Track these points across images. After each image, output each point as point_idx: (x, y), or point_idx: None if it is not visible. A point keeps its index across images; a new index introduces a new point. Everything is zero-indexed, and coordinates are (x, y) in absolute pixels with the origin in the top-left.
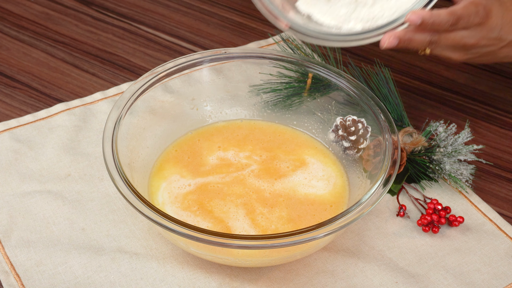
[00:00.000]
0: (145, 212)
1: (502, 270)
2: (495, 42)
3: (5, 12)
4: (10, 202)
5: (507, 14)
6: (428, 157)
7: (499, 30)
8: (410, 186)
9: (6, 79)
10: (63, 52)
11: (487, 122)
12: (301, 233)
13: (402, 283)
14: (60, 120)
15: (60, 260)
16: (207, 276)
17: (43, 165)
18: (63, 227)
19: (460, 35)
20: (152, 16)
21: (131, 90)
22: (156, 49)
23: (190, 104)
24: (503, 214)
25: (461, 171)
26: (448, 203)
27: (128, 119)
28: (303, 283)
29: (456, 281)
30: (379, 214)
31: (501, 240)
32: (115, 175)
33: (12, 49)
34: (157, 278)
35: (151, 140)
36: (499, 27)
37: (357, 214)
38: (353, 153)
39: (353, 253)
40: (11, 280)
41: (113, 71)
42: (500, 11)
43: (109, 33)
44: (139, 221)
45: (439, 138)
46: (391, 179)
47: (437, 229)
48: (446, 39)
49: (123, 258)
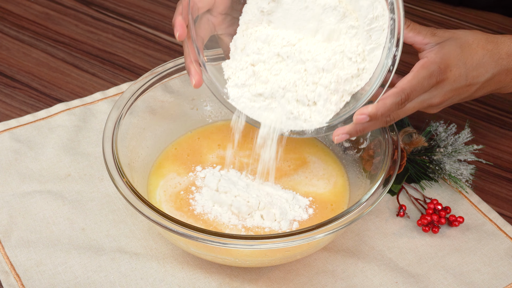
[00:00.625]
0: (145, 212)
1: (502, 270)
2: (466, 89)
3: (5, 12)
4: (10, 202)
5: (470, 59)
6: (428, 157)
7: (465, 78)
8: (410, 186)
9: (6, 79)
10: (63, 52)
11: (487, 122)
12: (301, 233)
13: (402, 283)
14: (60, 120)
15: (60, 260)
16: (207, 276)
17: (43, 165)
18: (63, 227)
19: (421, 99)
20: (152, 16)
21: (131, 90)
22: (156, 49)
23: (190, 104)
24: (503, 214)
25: (461, 171)
26: (448, 203)
27: (128, 119)
28: (303, 283)
29: (456, 281)
30: (379, 214)
31: (501, 240)
32: (115, 175)
33: (12, 49)
34: (157, 278)
35: (151, 140)
36: (463, 76)
37: (357, 214)
38: (353, 153)
39: (353, 253)
40: (11, 280)
41: (113, 71)
42: (461, 59)
43: (109, 33)
44: (139, 221)
45: (439, 138)
46: (391, 179)
47: (437, 229)
48: (405, 112)
49: (123, 258)
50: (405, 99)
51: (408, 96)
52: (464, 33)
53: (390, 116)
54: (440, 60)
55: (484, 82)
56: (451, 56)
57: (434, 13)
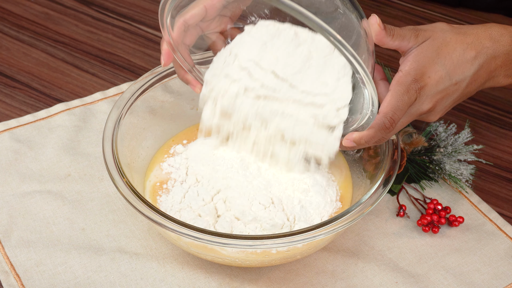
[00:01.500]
0: (145, 212)
1: (502, 270)
2: (454, 88)
3: (5, 12)
4: (10, 202)
5: (449, 59)
6: (428, 157)
7: (449, 79)
8: (410, 186)
9: (6, 79)
10: (63, 52)
11: (487, 122)
12: (301, 233)
13: (402, 283)
14: (60, 120)
15: (60, 260)
16: (207, 276)
17: (43, 165)
18: (63, 227)
19: (409, 113)
20: (152, 16)
21: (131, 90)
22: (156, 49)
23: (190, 104)
24: (503, 214)
25: (461, 171)
26: (448, 203)
27: (128, 119)
28: (303, 283)
29: (456, 281)
30: (379, 214)
31: (501, 240)
32: (115, 175)
33: (12, 49)
34: (157, 278)
35: (151, 140)
36: (446, 77)
37: (357, 214)
38: (353, 153)
39: (353, 253)
40: (11, 280)
41: (113, 71)
42: (438, 62)
43: (109, 33)
44: (139, 221)
45: (439, 138)
46: (391, 179)
47: (437, 229)
48: (398, 128)
49: (123, 258)
50: (391, 122)
51: (392, 119)
52: (442, 32)
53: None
54: (415, 71)
55: (472, 76)
56: (426, 63)
57: (434, 13)
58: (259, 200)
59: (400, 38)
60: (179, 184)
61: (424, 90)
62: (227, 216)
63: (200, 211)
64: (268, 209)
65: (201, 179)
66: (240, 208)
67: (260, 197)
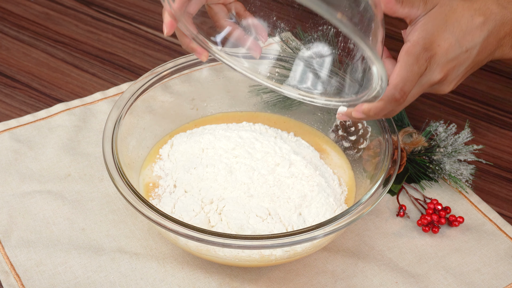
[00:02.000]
0: (145, 212)
1: (502, 270)
2: (466, 56)
3: (5, 12)
4: (10, 202)
5: (458, 26)
6: (428, 157)
7: (459, 46)
8: (410, 186)
9: (6, 79)
10: (63, 52)
11: (487, 122)
12: (301, 233)
13: (402, 283)
14: (60, 120)
15: (60, 260)
16: (207, 276)
17: (43, 165)
18: (63, 227)
19: (421, 83)
20: (152, 16)
21: (131, 90)
22: (156, 49)
23: (190, 104)
24: (503, 214)
25: (461, 171)
26: (448, 203)
27: (128, 119)
28: (303, 283)
29: (456, 281)
30: (379, 214)
31: (501, 240)
32: (115, 175)
33: (12, 49)
34: (157, 278)
35: (151, 140)
36: (456, 45)
37: (357, 214)
38: (353, 153)
39: (353, 253)
40: (11, 280)
41: (113, 71)
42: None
43: (109, 33)
44: (139, 221)
45: (439, 138)
46: (391, 179)
47: (437, 229)
48: (410, 100)
49: (123, 258)
50: (401, 94)
51: (403, 90)
52: None
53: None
54: (424, 40)
55: (482, 42)
56: (435, 31)
57: None
58: (256, 213)
59: (409, 5)
60: (168, 194)
61: (435, 59)
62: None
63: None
64: (266, 221)
65: (190, 190)
66: (237, 222)
67: (256, 209)
